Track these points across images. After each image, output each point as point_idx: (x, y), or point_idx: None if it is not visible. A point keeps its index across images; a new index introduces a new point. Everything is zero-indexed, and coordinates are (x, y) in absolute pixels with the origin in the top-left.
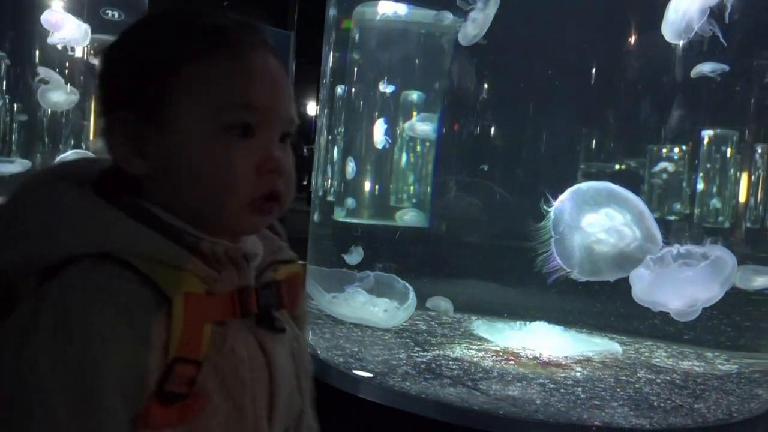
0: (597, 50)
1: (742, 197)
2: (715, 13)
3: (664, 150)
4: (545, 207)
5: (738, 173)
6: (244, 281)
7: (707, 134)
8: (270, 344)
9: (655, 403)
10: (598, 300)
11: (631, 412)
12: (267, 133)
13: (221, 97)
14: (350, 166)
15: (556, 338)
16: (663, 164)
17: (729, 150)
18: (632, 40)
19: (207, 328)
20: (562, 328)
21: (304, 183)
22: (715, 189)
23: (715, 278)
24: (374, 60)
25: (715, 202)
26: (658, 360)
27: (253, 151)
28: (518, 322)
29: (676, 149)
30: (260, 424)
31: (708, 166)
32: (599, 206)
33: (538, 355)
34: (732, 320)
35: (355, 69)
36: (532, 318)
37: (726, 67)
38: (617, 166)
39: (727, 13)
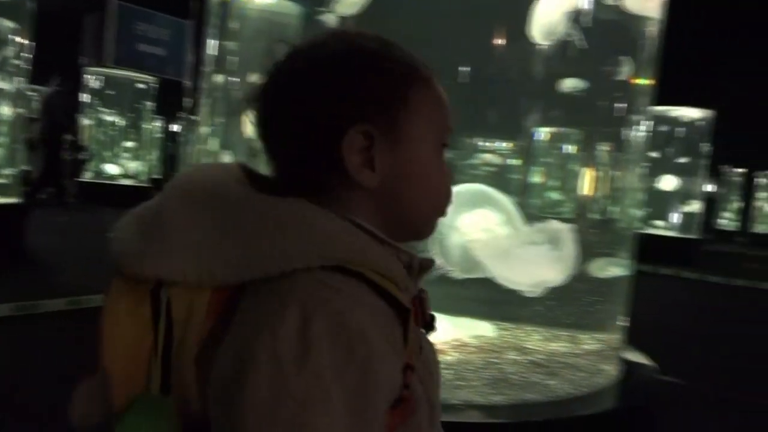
0: (461, 43)
1: (586, 191)
2: (575, 17)
3: (488, 143)
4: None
5: (581, 169)
6: (415, 289)
7: (548, 131)
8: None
9: (514, 381)
10: (483, 289)
11: (491, 390)
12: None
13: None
14: (227, 159)
15: (438, 325)
16: (485, 156)
17: (571, 147)
18: (497, 37)
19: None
20: (446, 315)
21: None
22: (555, 183)
23: (560, 260)
24: (248, 49)
25: (554, 195)
26: (530, 343)
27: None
28: None
29: (506, 143)
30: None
31: (550, 161)
32: (475, 207)
33: None
34: (602, 305)
35: (232, 58)
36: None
37: (584, 85)
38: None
39: (585, 18)
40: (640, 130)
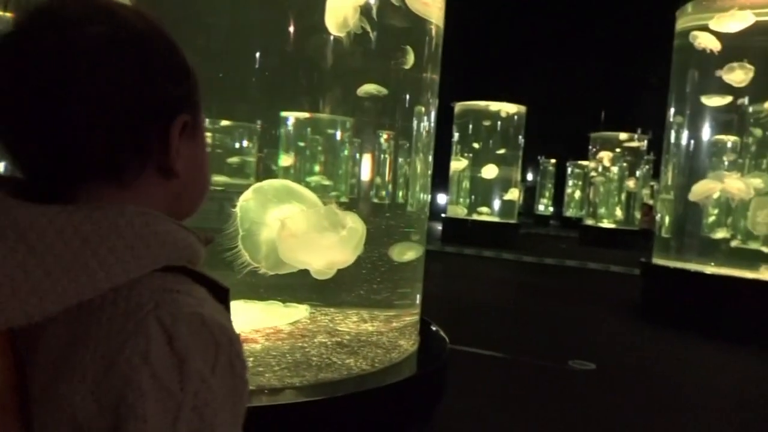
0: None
1: (365, 176)
2: (365, 12)
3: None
4: (230, 206)
5: (358, 155)
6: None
7: (298, 116)
8: None
9: (314, 363)
10: (302, 276)
11: (288, 373)
12: None
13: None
14: None
15: (251, 314)
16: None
17: (340, 133)
18: (289, 24)
19: None
20: (263, 303)
21: None
22: (318, 168)
23: (348, 244)
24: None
25: (318, 180)
26: (343, 326)
27: None
28: None
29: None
30: None
31: (302, 145)
32: (281, 202)
33: None
34: (405, 285)
35: None
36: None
37: (385, 91)
38: None
39: (373, 12)
40: (426, 121)
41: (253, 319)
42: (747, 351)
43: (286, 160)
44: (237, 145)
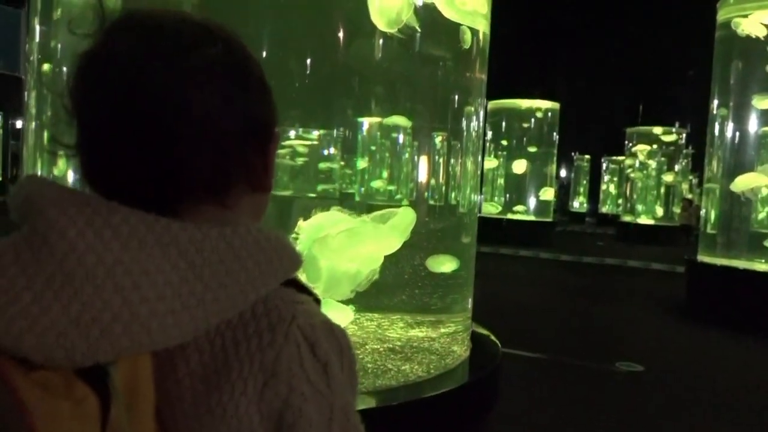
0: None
1: (422, 178)
2: (416, 6)
3: (294, 131)
4: (293, 236)
5: (416, 157)
6: None
7: (372, 121)
8: None
9: (369, 369)
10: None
11: None
12: None
13: None
14: (62, 161)
15: None
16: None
17: (402, 137)
18: (339, 23)
19: None
20: None
21: None
22: (385, 172)
23: (394, 229)
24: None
25: (378, 183)
26: (392, 331)
27: None
28: None
29: (316, 131)
30: None
31: (373, 148)
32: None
33: None
34: (453, 291)
35: (61, 46)
36: None
37: (408, 122)
38: None
39: (419, 3)
40: (475, 122)
41: None
42: None
43: (361, 164)
44: (325, 152)
